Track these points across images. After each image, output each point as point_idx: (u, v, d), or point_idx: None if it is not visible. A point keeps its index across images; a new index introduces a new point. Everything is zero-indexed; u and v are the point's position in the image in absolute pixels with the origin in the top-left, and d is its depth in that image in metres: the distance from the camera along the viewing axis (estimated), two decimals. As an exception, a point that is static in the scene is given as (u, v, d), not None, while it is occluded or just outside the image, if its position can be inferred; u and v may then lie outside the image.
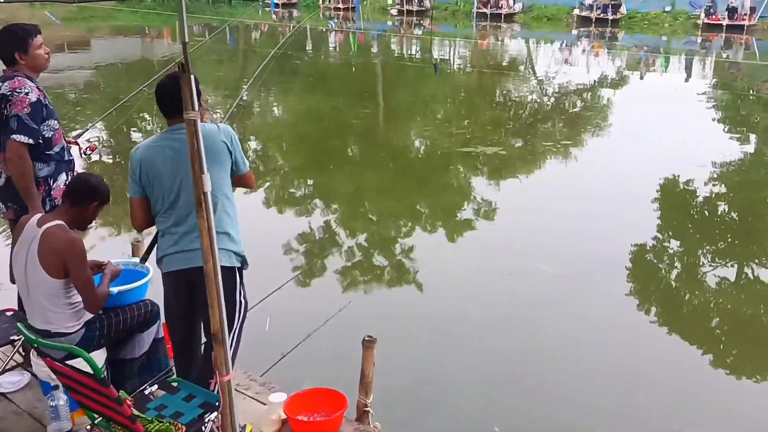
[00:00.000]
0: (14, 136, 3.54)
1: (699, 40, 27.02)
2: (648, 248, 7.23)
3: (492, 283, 6.41)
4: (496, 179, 9.65)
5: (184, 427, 2.92)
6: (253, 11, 36.30)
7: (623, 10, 30.15)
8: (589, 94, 16.47)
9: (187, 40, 2.27)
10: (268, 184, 9.45)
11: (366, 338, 3.43)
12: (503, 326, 5.65)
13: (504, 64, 21.90)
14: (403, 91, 17.26)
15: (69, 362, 2.90)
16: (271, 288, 4.98)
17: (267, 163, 10.73)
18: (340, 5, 36.18)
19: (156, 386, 3.22)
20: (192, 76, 2.43)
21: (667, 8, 30.22)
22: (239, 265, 3.23)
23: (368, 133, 12.44)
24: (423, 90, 17.34)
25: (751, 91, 17.00)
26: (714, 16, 28.34)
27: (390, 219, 8.33)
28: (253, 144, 11.74)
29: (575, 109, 14.86)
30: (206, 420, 2.98)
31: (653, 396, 4.75)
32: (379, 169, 10.29)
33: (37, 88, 3.67)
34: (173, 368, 3.55)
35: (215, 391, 2.90)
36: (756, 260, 7.09)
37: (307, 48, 24.80)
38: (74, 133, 11.17)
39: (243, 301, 3.26)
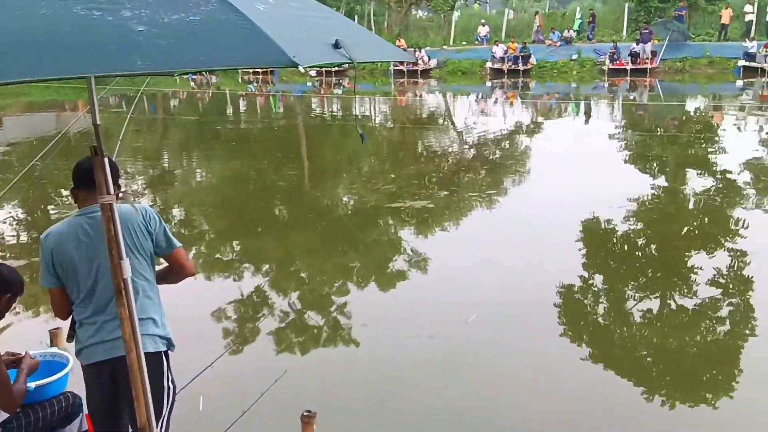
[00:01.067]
0: None
1: (606, 84, 28.41)
2: (575, 288, 7.35)
3: (430, 331, 6.32)
4: (425, 232, 9.70)
5: None
6: (171, 80, 36.11)
7: (533, 60, 31.55)
8: (507, 142, 16.96)
9: (98, 123, 2.20)
10: (193, 251, 9.21)
11: (304, 413, 3.32)
12: (447, 375, 5.56)
13: (424, 117, 22.39)
14: (327, 150, 17.36)
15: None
16: (204, 364, 4.80)
17: (191, 229, 10.48)
18: (258, 70, 36.40)
19: (81, 487, 3.01)
20: (107, 160, 2.35)
21: (574, 56, 31.81)
22: (165, 348, 3.09)
23: (294, 194, 12.37)
24: (347, 148, 17.49)
25: (659, 130, 17.85)
26: (618, 62, 29.97)
27: (321, 278, 8.23)
28: (176, 211, 11.48)
29: (495, 157, 15.25)
30: None
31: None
32: (307, 229, 10.20)
33: None
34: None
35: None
36: (677, 291, 7.30)
37: (227, 113, 24.76)
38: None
39: (171, 385, 3.11)
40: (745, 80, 26.95)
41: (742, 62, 27.97)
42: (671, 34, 30.14)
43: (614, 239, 9.08)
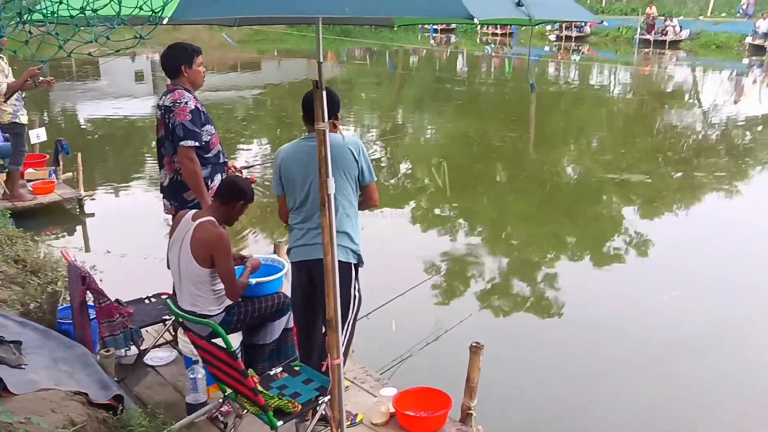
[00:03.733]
0: (183, 142, 4.08)
1: None
2: None
3: (636, 318, 6.15)
4: (647, 210, 9.35)
5: (300, 406, 3.26)
6: (413, 37, 37.32)
7: (803, 38, 28.03)
8: (760, 127, 15.44)
9: (321, 61, 2.61)
10: (413, 203, 9.79)
11: (473, 344, 3.61)
12: (643, 367, 5.40)
13: (667, 91, 21.06)
14: (556, 116, 17.13)
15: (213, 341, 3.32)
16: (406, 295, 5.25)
17: (415, 182, 11.07)
18: (498, 31, 36.32)
19: (280, 369, 3.59)
20: (327, 93, 2.77)
21: None
22: (356, 261, 3.55)
23: (517, 158, 12.47)
24: (578, 115, 17.13)
25: None
26: None
27: (528, 243, 8.36)
28: (402, 165, 12.15)
29: (742, 143, 13.98)
30: (320, 402, 3.30)
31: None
32: (522, 192, 10.33)
33: (195, 98, 4.20)
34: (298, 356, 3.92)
35: (327, 374, 3.19)
36: None
37: (462, 72, 25.22)
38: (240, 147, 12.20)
39: (357, 294, 3.57)
40: None
41: None
42: None
43: None
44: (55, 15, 1.76)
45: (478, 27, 37.90)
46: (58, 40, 1.67)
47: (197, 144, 4.11)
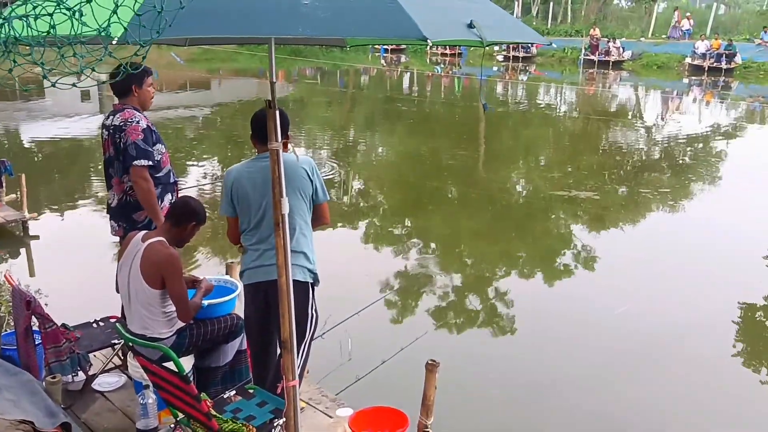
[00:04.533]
0: (136, 161, 4.01)
1: (822, 91, 25.75)
2: (757, 308, 6.89)
3: (581, 338, 6.21)
4: (594, 227, 9.55)
5: (255, 429, 3.21)
6: (363, 56, 37.56)
7: (738, 59, 29.19)
8: (700, 143, 15.95)
9: (274, 80, 2.61)
10: (366, 221, 9.81)
11: (429, 362, 3.62)
12: (590, 383, 5.46)
13: (611, 110, 21.63)
14: (505, 134, 17.42)
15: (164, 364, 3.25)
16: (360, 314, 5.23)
17: (368, 199, 11.09)
18: (447, 51, 36.86)
19: (234, 392, 3.53)
20: (278, 112, 2.76)
21: (787, 58, 29.04)
22: (312, 281, 3.53)
23: (466, 175, 12.60)
24: (527, 135, 17.43)
25: None
26: (840, 67, 27.00)
27: (480, 259, 8.45)
28: (355, 183, 12.17)
29: (683, 158, 14.42)
30: (275, 424, 3.26)
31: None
32: (476, 211, 10.44)
33: (145, 117, 4.15)
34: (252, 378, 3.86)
35: (282, 396, 3.15)
36: None
37: (412, 91, 25.46)
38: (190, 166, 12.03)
39: (314, 314, 3.55)
40: None
41: None
42: None
43: None
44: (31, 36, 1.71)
45: (428, 47, 38.40)
46: (44, 69, 1.63)
47: (150, 163, 4.05)
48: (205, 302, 3.83)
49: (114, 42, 1.64)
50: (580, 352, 5.90)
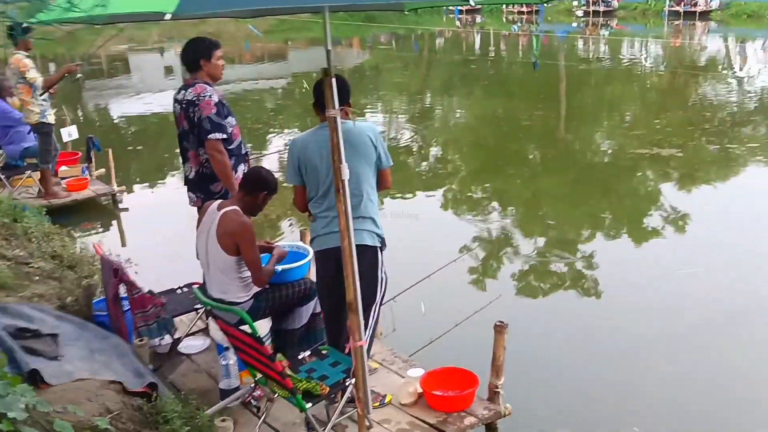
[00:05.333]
0: (211, 135, 4.14)
1: None
2: None
3: (665, 299, 6.05)
4: (682, 186, 9.22)
5: (327, 388, 3.33)
6: (438, 19, 37.05)
7: (842, 1, 27.22)
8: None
9: (329, 48, 2.64)
10: (446, 186, 9.80)
11: (497, 323, 3.64)
12: (674, 344, 5.32)
13: (699, 63, 20.63)
14: (586, 93, 16.93)
15: (241, 327, 3.40)
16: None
17: (447, 165, 11.05)
18: (524, 9, 35.95)
19: (308, 353, 3.66)
20: (337, 81, 2.81)
21: None
22: (380, 245, 3.59)
23: (546, 136, 12.36)
24: (609, 92, 16.89)
25: None
26: None
27: (561, 221, 8.31)
28: (433, 149, 12.15)
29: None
30: (347, 383, 3.36)
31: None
32: (554, 171, 10.26)
33: (216, 90, 4.26)
34: (327, 340, 3.98)
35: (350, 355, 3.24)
36: None
37: (488, 53, 25.03)
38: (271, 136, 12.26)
39: (384, 276, 3.62)
40: None
41: None
42: None
43: None
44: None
45: (504, 6, 37.58)
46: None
47: (225, 136, 4.18)
48: (279, 268, 3.96)
49: (167, 17, 1.70)
50: (662, 318, 5.73)
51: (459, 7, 37.80)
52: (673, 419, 4.45)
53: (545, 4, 33.86)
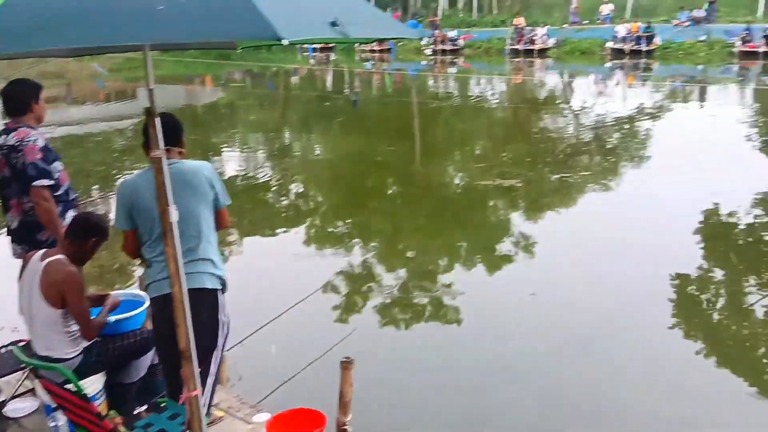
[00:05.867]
0: (36, 182, 3.88)
1: (736, 68, 26.78)
2: (691, 280, 7.07)
3: (523, 322, 6.27)
4: (529, 214, 9.70)
5: (165, 443, 3.15)
6: (292, 56, 37.32)
7: (657, 41, 30.23)
8: (626, 126, 16.36)
9: (152, 87, 2.56)
10: (307, 222, 9.73)
11: (344, 359, 3.62)
12: (536, 365, 5.50)
13: (540, 98, 22.04)
14: (438, 128, 17.57)
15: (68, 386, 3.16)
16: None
17: (307, 201, 11.01)
18: (376, 48, 37.00)
19: (146, 406, 3.47)
20: (168, 119, 2.71)
21: (702, 37, 30.15)
22: (221, 287, 3.47)
23: (402, 171, 12.63)
24: (459, 127, 17.60)
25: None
26: (751, 44, 28.14)
27: (419, 252, 8.47)
28: (292, 185, 12.09)
29: (611, 142, 14.77)
30: (186, 436, 3.20)
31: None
32: (410, 203, 10.48)
33: (41, 135, 4.02)
34: (168, 392, 3.79)
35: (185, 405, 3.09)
36: None
37: (344, 90, 25.46)
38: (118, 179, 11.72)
39: (225, 319, 3.49)
40: None
41: None
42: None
43: (737, 233, 8.61)
44: None
45: (356, 45, 38.47)
46: None
47: (52, 182, 3.94)
48: (112, 318, 3.74)
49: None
50: (519, 339, 5.93)
51: (312, 45, 38.34)
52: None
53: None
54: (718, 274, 7.42)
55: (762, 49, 27.52)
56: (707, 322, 6.49)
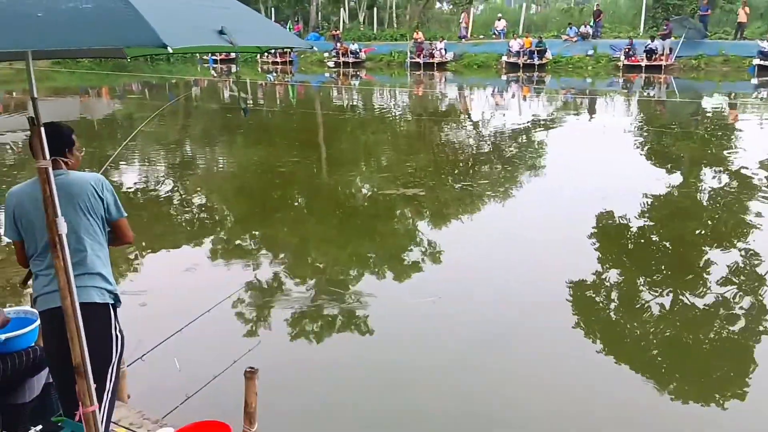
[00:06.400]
0: None
1: (621, 81, 28.36)
2: (588, 283, 7.39)
3: (423, 327, 6.41)
4: (436, 221, 9.90)
5: (61, 463, 3.06)
6: (192, 68, 36.63)
7: (548, 55, 31.69)
8: (523, 136, 17.02)
9: (35, 96, 2.50)
10: (212, 236, 9.55)
11: (248, 369, 3.62)
12: (445, 369, 5.62)
13: (440, 110, 22.57)
14: (343, 139, 17.67)
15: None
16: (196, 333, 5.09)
17: (211, 213, 10.81)
18: (278, 59, 36.86)
19: (41, 426, 3.34)
20: (56, 129, 2.66)
21: (590, 52, 31.86)
22: (113, 301, 3.40)
23: (309, 181, 12.62)
24: (363, 138, 17.76)
25: (674, 126, 17.78)
26: (633, 58, 29.92)
27: (324, 262, 8.49)
28: (195, 198, 11.85)
29: (510, 151, 15.31)
30: (84, 454, 3.11)
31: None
32: (317, 214, 10.49)
33: None
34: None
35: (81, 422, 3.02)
36: (690, 288, 7.28)
37: (245, 102, 25.19)
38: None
39: (119, 335, 3.41)
40: (760, 79, 26.68)
41: (757, 61, 27.65)
42: (688, 31, 29.84)
43: (628, 235, 9.08)
44: None
45: (258, 56, 38.19)
46: None
47: None
48: (2, 336, 3.59)
49: None
50: (429, 345, 6.05)
51: (213, 56, 37.75)
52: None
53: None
54: (613, 273, 7.82)
55: (644, 63, 29.29)
56: (605, 320, 6.80)
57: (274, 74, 34.91)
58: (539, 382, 5.44)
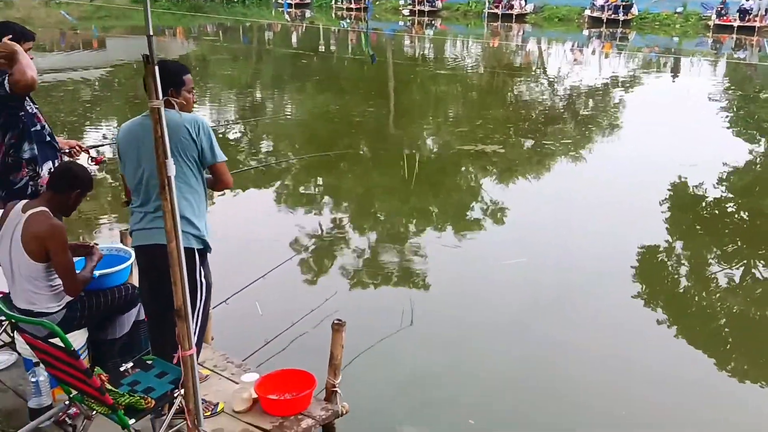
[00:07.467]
0: None
1: (710, 41, 26.94)
2: (657, 251, 7.15)
3: (492, 287, 6.34)
4: (502, 180, 9.68)
5: (153, 401, 3.07)
6: (267, 12, 36.55)
7: (634, 10, 30.21)
8: (600, 95, 16.42)
9: (151, 34, 2.41)
10: (278, 182, 9.60)
11: (335, 321, 3.57)
12: (502, 330, 5.55)
13: (515, 64, 21.93)
14: (413, 90, 17.39)
15: (51, 340, 3.06)
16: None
17: (279, 161, 10.83)
18: (353, 5, 36.39)
19: (131, 364, 3.37)
20: (163, 67, 2.58)
21: (679, 9, 30.25)
22: (200, 247, 3.36)
23: (376, 132, 12.50)
24: (433, 89, 17.45)
25: (762, 93, 16.84)
26: (725, 18, 28.30)
27: (394, 216, 8.42)
28: (263, 143, 11.91)
29: (585, 111, 14.81)
30: (175, 395, 3.13)
31: (661, 397, 4.74)
32: (383, 165, 10.39)
33: None
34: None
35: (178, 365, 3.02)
36: (763, 262, 7.01)
37: (319, 48, 25.03)
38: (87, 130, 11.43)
39: (204, 281, 3.39)
40: None
41: None
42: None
43: (703, 204, 8.74)
44: None
45: (333, 2, 37.79)
46: None
47: None
48: (97, 273, 3.62)
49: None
50: (495, 307, 5.96)
51: (288, 1, 37.55)
52: (508, 407, 4.62)
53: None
54: (683, 244, 7.53)
55: (736, 24, 27.69)
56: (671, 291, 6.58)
57: (348, 20, 34.51)
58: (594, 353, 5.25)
